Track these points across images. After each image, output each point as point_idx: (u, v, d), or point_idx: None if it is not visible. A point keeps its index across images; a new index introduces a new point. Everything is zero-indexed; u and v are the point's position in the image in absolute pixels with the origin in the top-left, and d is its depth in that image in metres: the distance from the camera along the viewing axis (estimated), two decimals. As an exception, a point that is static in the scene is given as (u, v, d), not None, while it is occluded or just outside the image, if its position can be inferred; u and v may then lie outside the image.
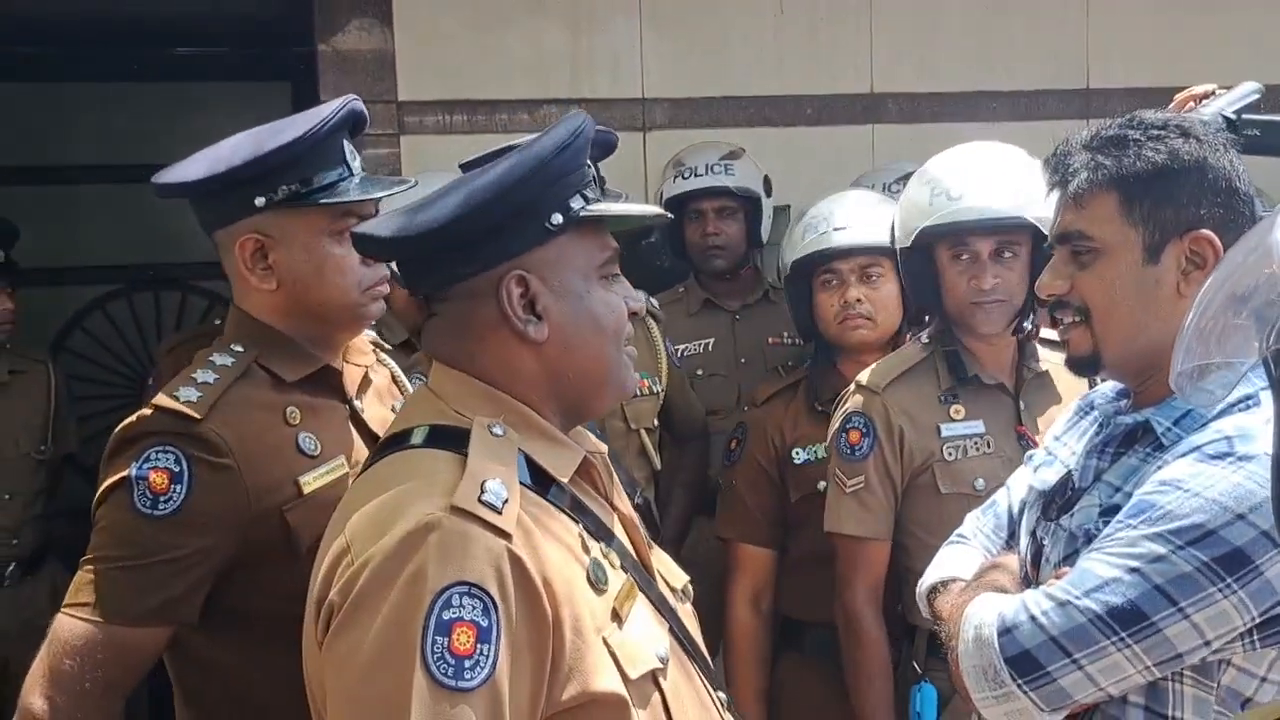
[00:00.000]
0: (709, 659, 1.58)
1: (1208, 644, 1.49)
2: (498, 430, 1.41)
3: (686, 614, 1.59)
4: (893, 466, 2.56)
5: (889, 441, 2.55)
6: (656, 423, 2.87)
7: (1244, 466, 1.49)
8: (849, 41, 4.34)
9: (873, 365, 2.67)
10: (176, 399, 1.78)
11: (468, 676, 1.23)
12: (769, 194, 3.71)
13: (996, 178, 2.52)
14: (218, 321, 4.06)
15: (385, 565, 1.27)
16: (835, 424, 2.63)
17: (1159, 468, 1.60)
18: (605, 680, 1.32)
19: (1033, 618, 1.56)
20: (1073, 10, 4.49)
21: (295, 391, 1.88)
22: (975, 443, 2.56)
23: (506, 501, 1.31)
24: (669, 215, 1.78)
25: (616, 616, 1.38)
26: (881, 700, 2.57)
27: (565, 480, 1.44)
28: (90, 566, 1.77)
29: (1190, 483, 1.51)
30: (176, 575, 1.74)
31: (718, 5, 4.25)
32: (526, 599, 1.28)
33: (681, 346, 3.52)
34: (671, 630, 1.49)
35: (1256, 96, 2.33)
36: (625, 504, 1.57)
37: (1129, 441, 1.71)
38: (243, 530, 1.76)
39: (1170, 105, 2.38)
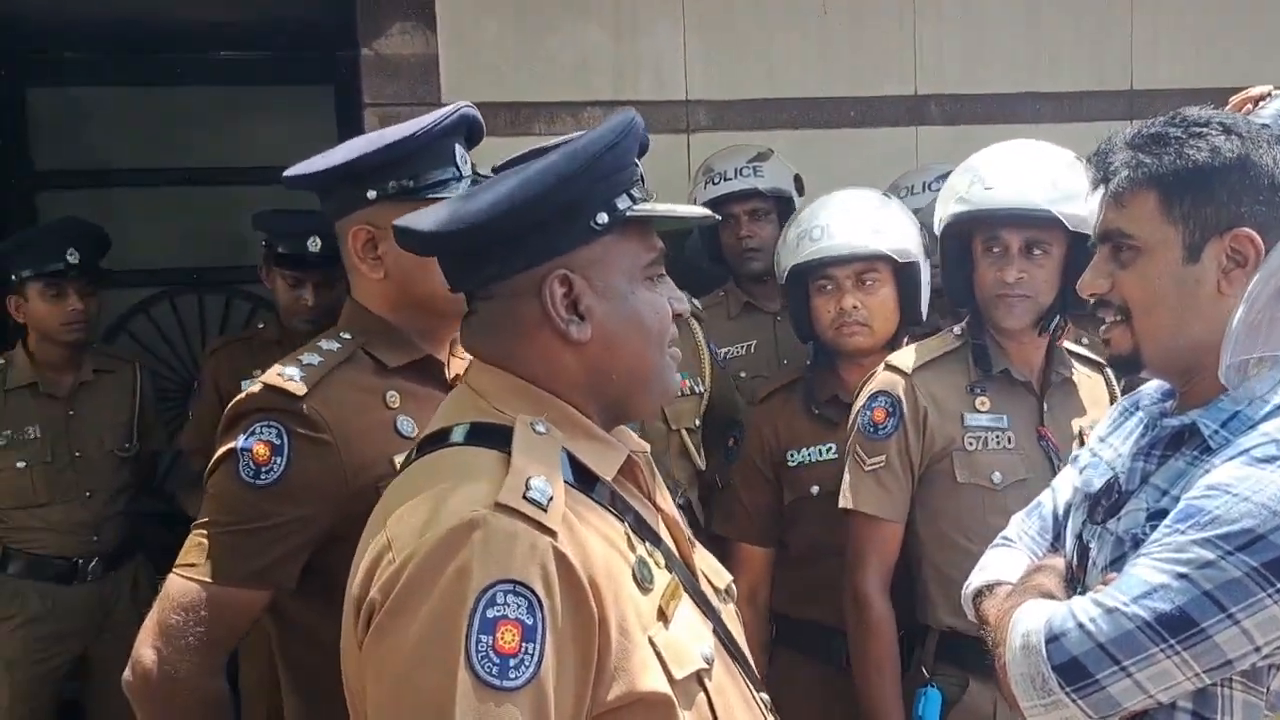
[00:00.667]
0: (750, 659, 1.57)
1: (1258, 649, 1.48)
2: (540, 428, 1.40)
3: (730, 614, 1.58)
4: (914, 449, 2.56)
5: (913, 423, 2.55)
6: (698, 423, 2.86)
7: None
8: (893, 43, 4.33)
9: (909, 348, 2.67)
10: (281, 377, 1.91)
11: (513, 675, 1.22)
12: (801, 192, 3.71)
13: (1033, 173, 2.52)
14: (261, 325, 4.15)
15: (428, 562, 1.26)
16: (860, 401, 2.63)
17: (1206, 471, 1.58)
18: (651, 680, 1.31)
19: (1080, 625, 1.55)
20: (1117, 10, 4.46)
21: (397, 377, 1.96)
22: (997, 436, 2.56)
23: (552, 499, 1.31)
24: (716, 216, 1.79)
25: (662, 615, 1.37)
26: (890, 687, 2.56)
27: (609, 478, 1.44)
28: (199, 531, 1.89)
29: (1238, 487, 1.50)
30: (276, 541, 1.85)
31: (761, 6, 4.25)
32: (572, 597, 1.27)
33: (724, 350, 3.52)
34: (715, 630, 1.48)
35: None
36: (668, 503, 1.57)
37: (1176, 444, 1.70)
38: (340, 504, 1.83)
39: (1227, 107, 2.36)
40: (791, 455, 2.85)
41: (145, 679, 1.81)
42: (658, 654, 1.33)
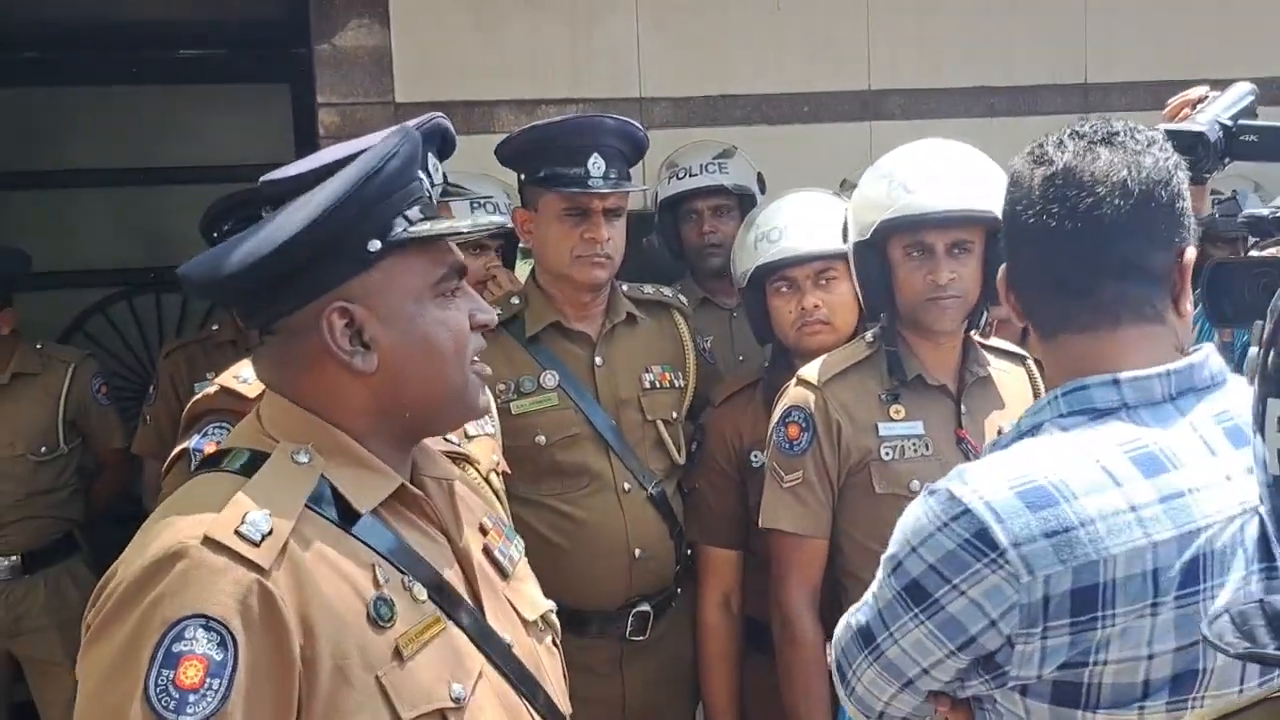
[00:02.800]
0: (556, 693, 1.55)
1: (926, 672, 1.47)
2: (302, 458, 1.37)
3: (541, 648, 1.56)
4: (830, 463, 2.52)
5: (827, 437, 2.51)
6: (676, 416, 2.85)
7: (927, 499, 1.45)
8: (847, 38, 4.33)
9: (817, 360, 2.63)
10: (236, 379, 1.93)
11: (190, 710, 1.21)
12: (763, 190, 3.71)
13: (953, 172, 2.49)
14: (215, 327, 4.13)
15: (130, 589, 1.26)
16: (775, 417, 2.60)
17: None
18: None
19: (841, 627, 1.59)
20: (1071, 4, 4.48)
21: None
22: (914, 444, 2.51)
23: (269, 535, 1.28)
24: (508, 223, 1.75)
25: (399, 654, 1.34)
26: (819, 704, 2.52)
27: (366, 511, 1.39)
28: None
29: (907, 510, 1.50)
30: None
31: (716, 3, 4.25)
32: (273, 635, 1.26)
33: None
34: (498, 665, 1.45)
35: (1251, 99, 2.28)
36: (471, 533, 1.53)
37: None
38: None
39: (1165, 110, 2.36)
40: (755, 456, 2.82)
41: None
42: (384, 693, 1.31)
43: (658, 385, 2.82)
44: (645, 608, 2.74)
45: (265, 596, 1.26)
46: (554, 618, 1.63)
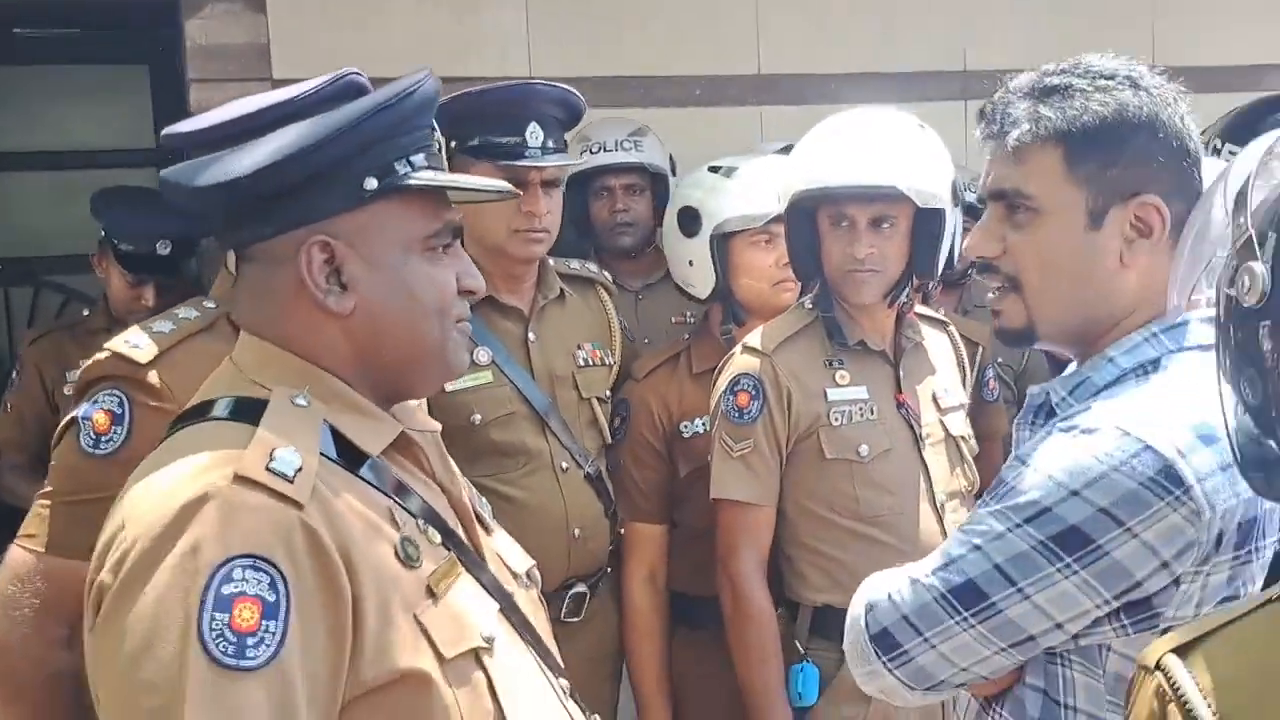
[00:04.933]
0: (551, 645, 1.53)
1: (1059, 627, 1.42)
2: (301, 401, 1.33)
3: (530, 599, 1.53)
4: (780, 430, 2.54)
5: (778, 404, 2.53)
6: (608, 394, 2.80)
7: (1085, 439, 1.41)
8: (738, 22, 4.33)
9: (759, 328, 2.64)
10: (128, 344, 1.89)
11: (250, 655, 1.16)
12: (674, 172, 3.68)
13: (879, 147, 2.51)
14: (86, 313, 3.92)
15: (159, 540, 1.19)
16: (721, 386, 2.59)
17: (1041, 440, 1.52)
18: (412, 658, 1.26)
19: (889, 595, 1.53)
20: (951, -7, 4.56)
21: None
22: (860, 408, 2.55)
23: (300, 470, 1.24)
24: (517, 192, 1.71)
25: (431, 593, 1.31)
26: (774, 677, 2.53)
27: (376, 454, 1.37)
28: (41, 501, 1.89)
29: (1037, 458, 1.45)
30: None
31: (605, -16, 4.20)
32: (323, 573, 1.21)
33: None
34: (505, 613, 1.43)
35: None
36: (458, 487, 1.50)
37: (1043, 413, 1.62)
38: None
39: None
40: (685, 426, 2.81)
41: None
42: (424, 631, 1.28)
43: (590, 363, 2.78)
44: (581, 588, 2.69)
45: (309, 533, 1.21)
46: (537, 573, 1.60)
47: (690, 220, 2.90)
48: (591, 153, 3.62)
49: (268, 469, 1.22)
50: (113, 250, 3.61)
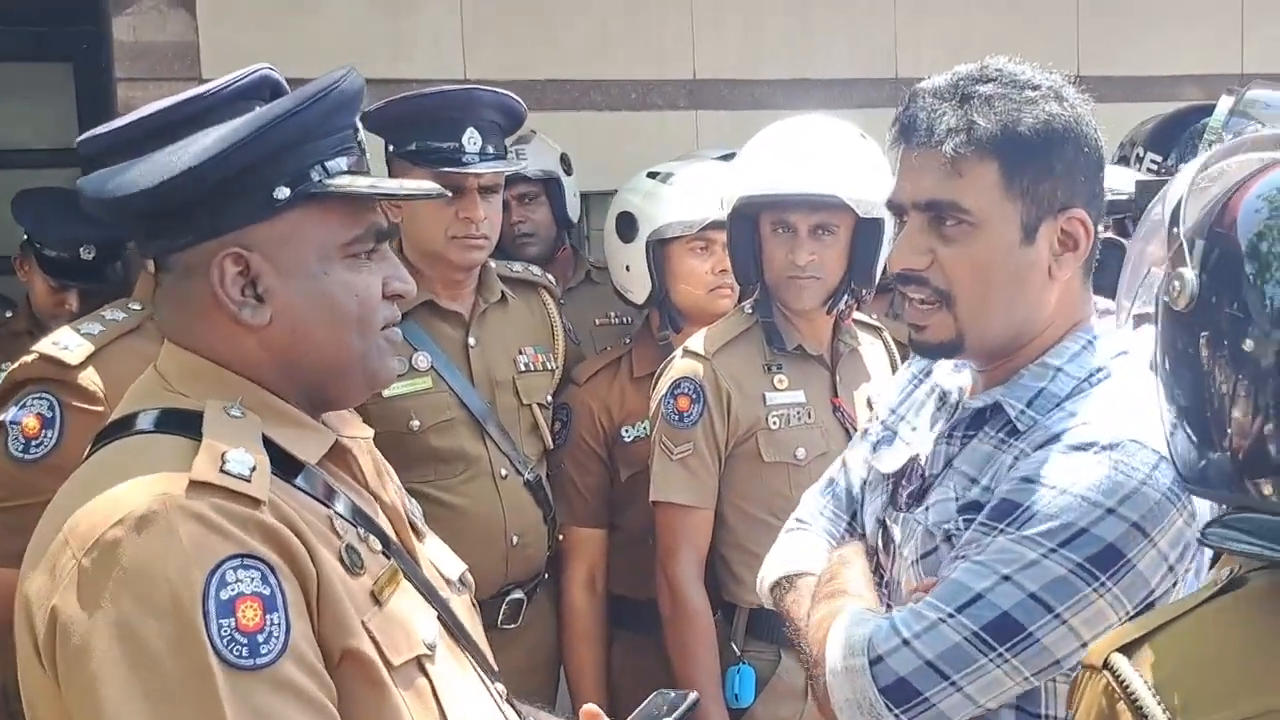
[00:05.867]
0: (485, 649, 1.52)
1: (1084, 645, 1.40)
2: (235, 412, 1.30)
3: (463, 604, 1.52)
4: (720, 434, 2.56)
5: (718, 408, 2.55)
6: (550, 399, 2.79)
7: (1110, 455, 1.41)
8: (672, 27, 4.36)
9: (700, 332, 2.65)
10: (56, 346, 1.87)
11: (264, 651, 1.15)
12: (569, 172, 3.68)
13: (820, 155, 2.53)
14: (9, 315, 3.84)
15: (137, 560, 1.14)
16: (662, 389, 2.61)
17: (1017, 457, 1.50)
18: (360, 641, 1.25)
19: (905, 642, 1.45)
20: (881, 3, 4.60)
21: None
22: (797, 412, 2.58)
23: (254, 469, 1.23)
24: (445, 192, 1.67)
25: (376, 600, 1.29)
26: (710, 677, 2.55)
27: (313, 462, 1.34)
28: None
29: (1054, 479, 1.42)
30: None
31: (542, -12, 4.20)
32: (297, 563, 1.21)
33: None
34: (441, 619, 1.41)
35: None
36: (390, 493, 1.48)
37: (977, 423, 1.60)
38: None
39: None
40: (626, 431, 2.82)
41: None
42: (372, 639, 1.26)
43: (531, 368, 2.77)
44: (519, 595, 2.67)
45: (272, 529, 1.20)
46: (470, 577, 1.58)
47: (628, 226, 2.91)
48: None
49: (222, 471, 1.20)
50: (35, 254, 3.54)
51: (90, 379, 1.86)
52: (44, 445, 1.84)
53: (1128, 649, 1.07)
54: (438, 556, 1.54)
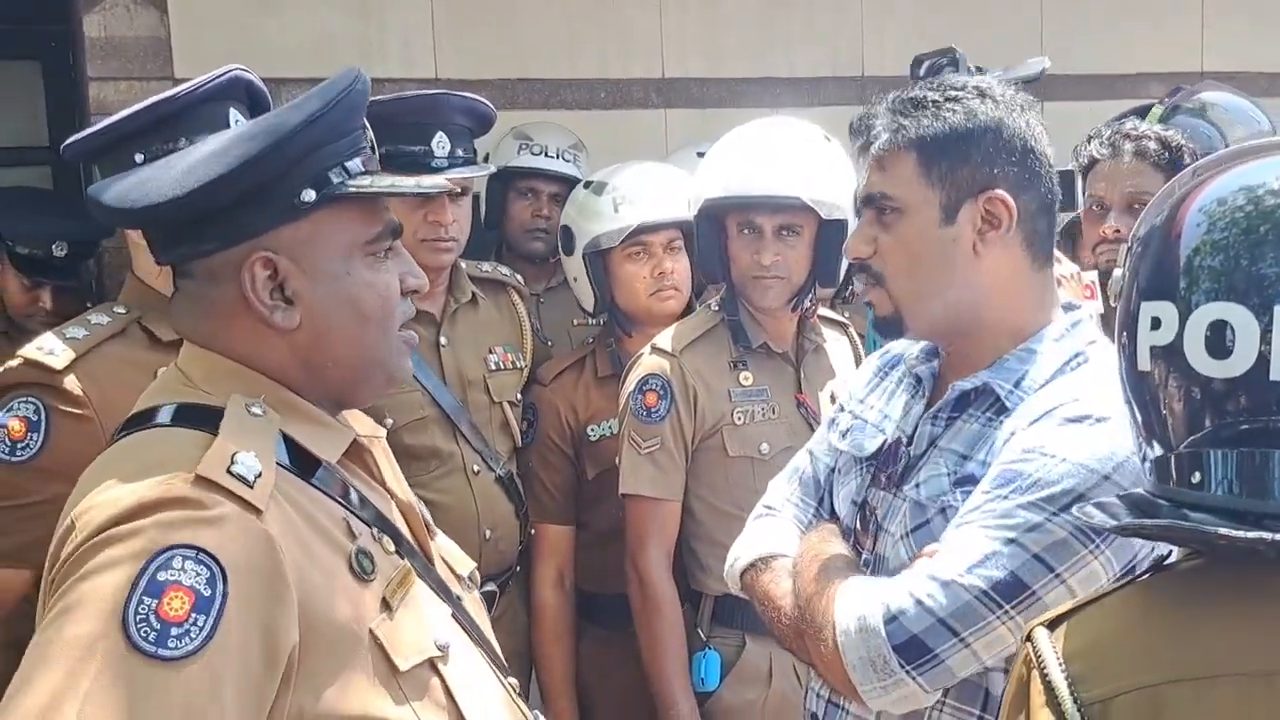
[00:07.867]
0: (496, 646, 1.55)
1: None
2: (257, 410, 1.32)
3: (474, 601, 1.56)
4: (687, 428, 2.62)
5: (685, 403, 2.60)
6: (519, 397, 2.82)
7: (1104, 427, 1.53)
8: (640, 25, 4.38)
9: (668, 329, 2.70)
10: (41, 350, 1.89)
11: (171, 645, 1.11)
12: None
13: (784, 158, 2.58)
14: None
15: (110, 530, 1.16)
16: (630, 385, 2.66)
17: (1013, 432, 1.62)
18: (361, 699, 1.24)
19: (919, 601, 1.52)
20: (848, 1, 4.63)
21: (172, 352, 1.87)
22: (762, 408, 2.65)
23: (260, 476, 1.23)
24: (454, 188, 1.71)
25: (386, 605, 1.31)
26: (679, 667, 2.60)
27: (332, 461, 1.37)
28: None
29: (1054, 448, 1.54)
30: (34, 519, 1.79)
31: (511, -13, 4.22)
32: (272, 587, 1.19)
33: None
34: (455, 616, 1.44)
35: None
36: (404, 490, 1.52)
37: (961, 405, 1.73)
38: None
39: None
40: (592, 430, 2.86)
41: None
42: (380, 646, 1.27)
43: (501, 366, 2.81)
44: (491, 587, 2.71)
45: (265, 540, 1.19)
46: (477, 575, 1.63)
47: (567, 239, 2.98)
48: (532, 153, 3.64)
49: (229, 471, 1.21)
50: (7, 253, 3.54)
51: (75, 383, 1.88)
52: (29, 448, 1.86)
53: (1053, 624, 1.18)
54: (449, 553, 1.58)
